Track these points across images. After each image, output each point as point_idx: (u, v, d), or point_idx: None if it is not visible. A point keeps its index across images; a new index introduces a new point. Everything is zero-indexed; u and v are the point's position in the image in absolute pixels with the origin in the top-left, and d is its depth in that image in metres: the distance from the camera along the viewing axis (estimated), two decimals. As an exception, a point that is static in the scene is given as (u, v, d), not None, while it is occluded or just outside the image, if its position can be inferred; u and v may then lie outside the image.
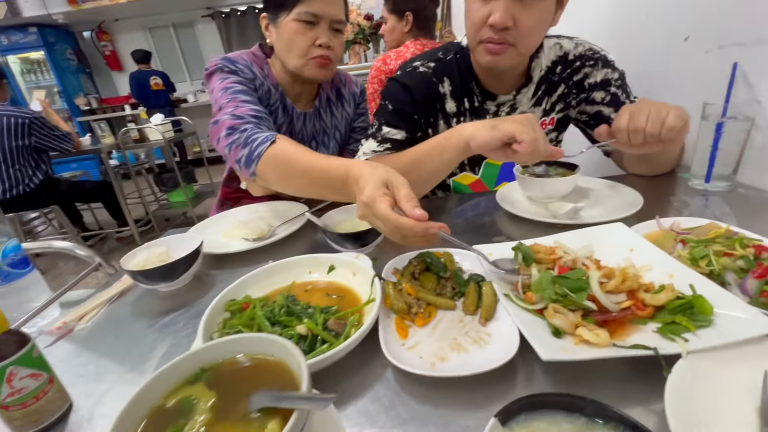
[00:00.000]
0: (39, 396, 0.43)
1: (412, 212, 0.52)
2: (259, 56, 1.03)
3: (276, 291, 0.64)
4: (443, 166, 0.79)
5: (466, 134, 0.72)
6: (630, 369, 0.44)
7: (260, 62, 1.02)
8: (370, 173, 0.58)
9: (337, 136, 1.17)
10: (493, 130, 0.68)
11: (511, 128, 0.66)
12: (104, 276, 0.90)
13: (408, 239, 0.54)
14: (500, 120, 0.70)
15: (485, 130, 0.69)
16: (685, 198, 0.84)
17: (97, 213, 3.68)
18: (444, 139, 0.77)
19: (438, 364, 0.46)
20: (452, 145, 0.75)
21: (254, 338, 0.39)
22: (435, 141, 0.79)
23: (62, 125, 2.81)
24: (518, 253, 0.59)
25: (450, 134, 0.76)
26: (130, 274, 0.68)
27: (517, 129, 0.66)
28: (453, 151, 0.75)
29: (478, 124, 0.72)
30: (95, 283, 1.00)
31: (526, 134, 0.65)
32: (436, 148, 0.78)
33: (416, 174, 0.80)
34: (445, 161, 0.78)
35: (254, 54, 1.03)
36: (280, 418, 0.32)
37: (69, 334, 0.63)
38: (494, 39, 0.80)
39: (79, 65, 5.91)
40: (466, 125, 0.74)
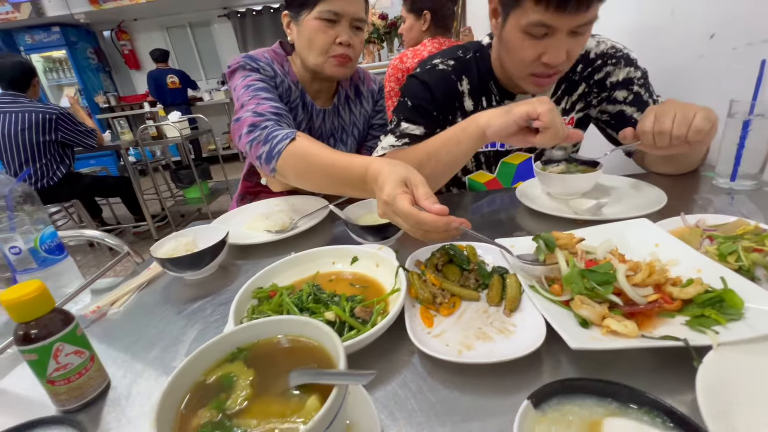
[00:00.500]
0: (82, 372, 0.45)
1: (432, 208, 0.53)
2: (279, 54, 1.05)
3: (301, 280, 0.65)
4: (460, 156, 0.80)
5: (482, 123, 0.73)
6: (657, 360, 0.44)
7: (281, 60, 1.04)
8: (389, 171, 0.59)
9: (355, 132, 1.18)
10: (508, 114, 0.69)
11: (524, 108, 0.67)
12: (132, 265, 0.93)
13: (429, 235, 0.54)
14: (513, 104, 0.71)
15: (500, 116, 0.70)
16: (709, 196, 0.83)
17: (115, 208, 3.77)
18: (460, 129, 0.78)
19: (464, 352, 0.47)
20: (468, 135, 0.76)
21: (289, 320, 0.40)
22: (451, 132, 0.80)
23: (88, 121, 2.88)
24: (539, 242, 0.58)
25: (466, 124, 0.77)
26: (159, 261, 0.70)
27: (531, 107, 0.67)
28: (470, 141, 0.76)
29: (492, 112, 0.73)
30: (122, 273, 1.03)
31: (541, 106, 0.66)
32: (452, 139, 0.79)
33: (433, 166, 0.81)
34: (462, 152, 0.79)
35: (275, 52, 1.05)
36: (319, 395, 0.33)
37: (102, 318, 0.66)
38: (547, 73, 0.80)
39: (99, 64, 6.05)
40: (481, 114, 0.75)
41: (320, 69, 0.98)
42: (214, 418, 0.32)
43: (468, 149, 0.78)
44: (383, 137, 0.99)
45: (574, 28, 0.75)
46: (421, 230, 0.54)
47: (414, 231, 0.55)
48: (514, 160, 1.06)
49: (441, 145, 0.81)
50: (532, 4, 0.73)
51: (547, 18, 0.73)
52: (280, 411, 0.32)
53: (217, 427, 0.31)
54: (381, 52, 3.98)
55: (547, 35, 0.76)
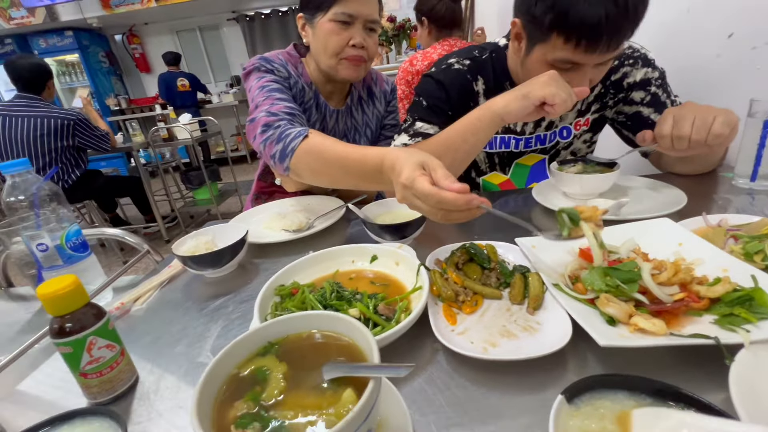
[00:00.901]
0: (113, 366, 0.46)
1: (452, 186, 0.51)
2: (293, 56, 1.06)
3: (321, 278, 0.65)
4: (478, 144, 0.81)
5: (499, 110, 0.74)
6: (684, 359, 0.44)
7: (294, 61, 1.05)
8: (406, 157, 0.59)
9: (368, 133, 1.19)
10: (525, 99, 0.71)
11: (541, 94, 0.70)
12: (148, 264, 0.94)
13: (451, 215, 0.52)
14: (527, 86, 0.72)
15: (517, 102, 0.72)
16: (729, 196, 0.83)
17: (126, 210, 3.81)
18: (476, 119, 0.78)
19: (490, 349, 0.47)
20: (485, 124, 0.77)
21: (320, 315, 0.41)
22: (466, 122, 0.80)
23: (101, 124, 2.92)
24: (562, 216, 0.57)
25: (481, 113, 0.78)
26: (181, 259, 0.71)
27: (548, 94, 0.69)
28: (487, 129, 0.78)
29: (507, 97, 0.74)
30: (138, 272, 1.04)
31: (558, 97, 0.69)
32: (469, 129, 0.80)
33: (452, 157, 0.82)
34: (480, 140, 0.80)
35: (289, 54, 1.06)
36: (353, 389, 0.33)
37: (126, 315, 0.67)
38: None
39: (111, 67, 6.15)
40: (495, 100, 0.76)
41: (334, 71, 0.99)
42: (251, 409, 0.33)
43: (485, 137, 0.79)
44: (396, 136, 0.99)
45: (599, 61, 0.75)
46: (442, 210, 0.52)
47: (435, 213, 0.53)
48: (527, 162, 1.06)
49: (457, 135, 0.82)
50: (561, 43, 0.73)
51: (575, 57, 0.74)
52: (315, 403, 0.33)
53: (255, 419, 0.32)
54: (389, 54, 4.00)
55: (572, 68, 0.77)
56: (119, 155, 5.23)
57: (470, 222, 0.87)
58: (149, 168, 4.44)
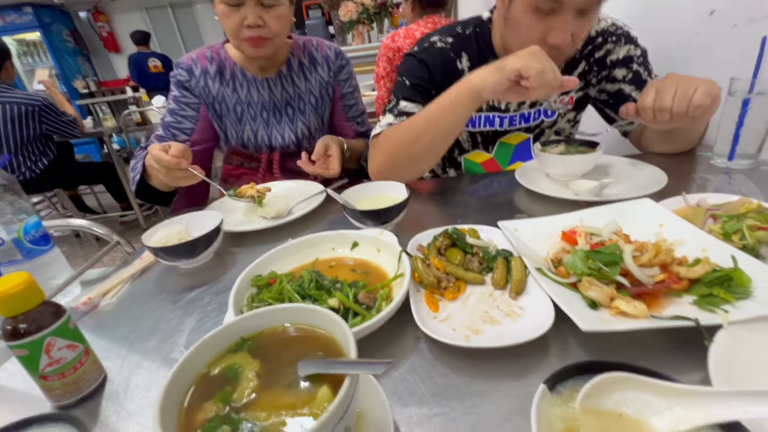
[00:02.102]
0: (76, 367, 0.44)
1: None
2: (215, 45, 1.09)
3: (300, 267, 0.63)
4: (458, 120, 0.80)
5: (476, 83, 0.73)
6: (665, 341, 0.44)
7: (215, 50, 1.08)
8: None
9: (312, 100, 1.15)
10: (500, 71, 0.70)
11: (516, 65, 0.68)
12: (121, 256, 0.90)
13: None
14: (504, 61, 0.70)
15: (492, 75, 0.71)
16: (707, 176, 0.83)
17: (100, 197, 3.67)
18: (455, 95, 0.78)
19: (472, 336, 0.46)
20: (464, 100, 0.76)
21: (295, 308, 0.39)
22: (445, 98, 0.79)
23: (68, 108, 2.75)
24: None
25: (458, 89, 0.77)
26: (152, 250, 0.68)
27: (522, 65, 0.67)
28: (466, 104, 0.77)
29: (484, 72, 0.73)
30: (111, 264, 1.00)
31: (532, 69, 0.67)
32: (448, 105, 0.79)
33: (432, 133, 0.81)
34: (460, 116, 0.79)
35: (211, 45, 1.09)
36: (329, 385, 0.32)
37: (94, 310, 0.63)
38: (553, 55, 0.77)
39: (77, 47, 5.81)
40: (473, 75, 0.75)
41: (242, 51, 1.00)
42: (220, 411, 0.31)
43: (465, 113, 0.78)
44: (381, 117, 0.97)
45: (583, 5, 0.72)
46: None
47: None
48: (512, 141, 1.04)
49: (438, 111, 0.81)
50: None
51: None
52: (289, 403, 0.31)
53: (225, 421, 0.30)
54: (371, 33, 3.89)
55: (554, 11, 0.74)
56: (91, 141, 4.99)
57: (453, 206, 0.86)
58: (123, 154, 4.26)
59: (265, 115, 1.12)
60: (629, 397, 0.31)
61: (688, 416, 0.29)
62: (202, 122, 1.11)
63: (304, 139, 1.17)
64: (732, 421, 0.27)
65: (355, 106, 1.23)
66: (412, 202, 0.84)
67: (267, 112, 1.12)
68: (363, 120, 1.27)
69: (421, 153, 0.85)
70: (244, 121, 1.11)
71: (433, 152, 0.85)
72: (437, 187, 0.97)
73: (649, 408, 0.30)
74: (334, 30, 4.23)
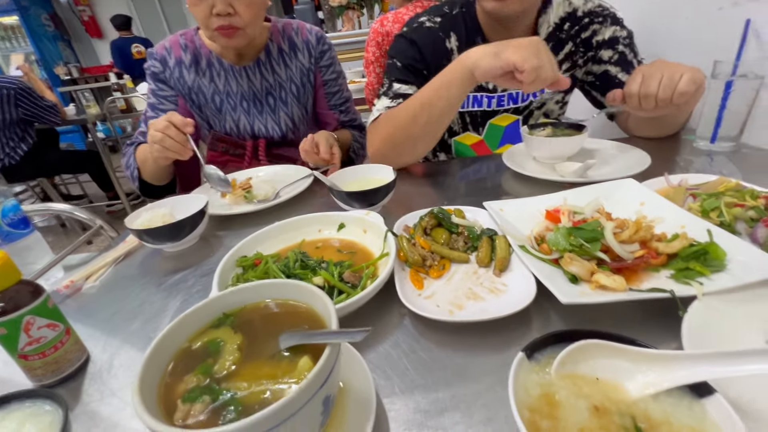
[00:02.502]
0: (57, 346, 0.43)
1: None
2: (188, 32, 1.05)
3: (286, 248, 0.63)
4: (453, 100, 0.79)
5: (470, 63, 0.72)
6: (643, 314, 0.45)
7: (189, 37, 1.03)
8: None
9: (294, 89, 1.11)
10: (496, 58, 0.68)
11: (513, 57, 0.66)
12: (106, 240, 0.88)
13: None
14: (505, 45, 0.69)
15: (488, 58, 0.70)
16: (690, 158, 0.85)
17: (87, 187, 3.60)
18: (449, 72, 0.77)
19: (456, 312, 0.46)
20: (458, 78, 0.75)
21: (277, 284, 0.39)
22: (440, 78, 0.79)
23: (48, 94, 2.67)
24: None
25: (454, 66, 0.76)
26: (135, 233, 0.67)
27: (519, 58, 0.66)
28: (459, 82, 0.76)
29: (480, 51, 0.72)
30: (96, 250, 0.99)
31: (528, 63, 0.65)
32: (443, 85, 0.78)
33: (428, 115, 0.80)
34: (454, 95, 0.78)
35: (185, 33, 1.05)
36: (310, 356, 0.32)
37: (77, 293, 0.63)
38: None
39: (57, 32, 5.61)
40: (469, 52, 0.73)
41: (214, 42, 0.96)
42: (201, 382, 0.31)
43: (459, 93, 0.77)
44: (377, 100, 0.96)
45: None
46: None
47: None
48: (501, 122, 1.04)
49: (432, 92, 0.80)
50: None
51: None
52: (270, 373, 0.31)
53: (206, 392, 0.30)
54: (361, 19, 3.82)
55: None
56: (74, 129, 4.86)
57: (440, 189, 0.86)
58: (108, 142, 4.17)
59: (245, 105, 1.07)
60: (604, 364, 0.32)
61: (659, 379, 0.30)
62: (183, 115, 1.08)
63: (288, 131, 1.13)
64: (699, 382, 0.28)
65: (338, 93, 1.17)
66: (400, 185, 0.84)
67: (247, 102, 1.07)
68: (347, 108, 1.21)
69: (418, 134, 0.85)
70: (224, 111, 1.07)
71: (430, 133, 0.85)
72: (425, 171, 0.97)
73: (623, 373, 0.31)
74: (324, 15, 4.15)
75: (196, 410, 0.29)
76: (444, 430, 0.35)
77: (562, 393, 0.30)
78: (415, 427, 0.35)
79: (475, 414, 0.36)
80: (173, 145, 0.82)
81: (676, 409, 0.28)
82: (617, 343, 0.31)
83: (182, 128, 0.82)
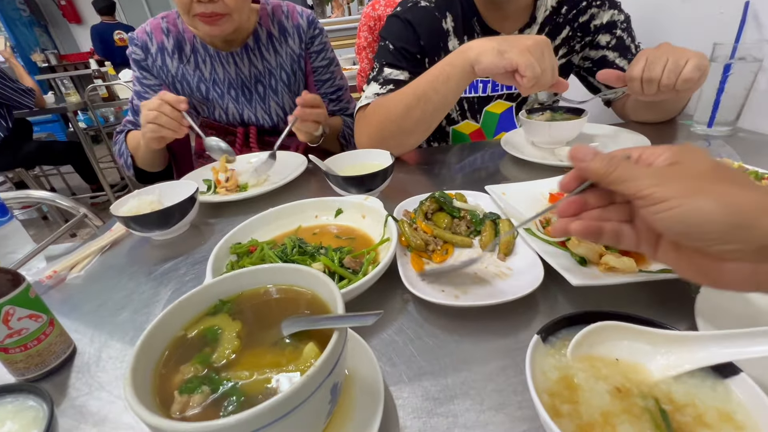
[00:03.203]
0: (40, 338, 0.41)
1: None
2: (170, 14, 0.99)
3: (282, 235, 0.61)
4: (450, 94, 0.75)
5: (472, 57, 0.69)
6: (653, 296, 0.44)
7: (171, 20, 0.98)
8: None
9: (284, 77, 1.05)
10: (500, 57, 0.65)
11: (517, 59, 0.63)
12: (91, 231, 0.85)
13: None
14: (509, 44, 0.65)
15: (491, 56, 0.66)
16: (687, 142, 0.84)
17: (69, 178, 3.49)
18: (448, 64, 0.73)
19: (461, 296, 0.45)
20: (458, 71, 0.71)
21: (277, 268, 0.36)
22: (438, 69, 0.75)
23: (26, 79, 2.56)
24: None
25: (454, 58, 0.72)
26: (122, 220, 0.64)
27: (523, 63, 0.63)
28: (458, 76, 0.72)
29: (483, 46, 0.68)
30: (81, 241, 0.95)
31: (530, 70, 0.63)
32: (440, 76, 0.74)
33: (422, 108, 0.77)
34: (452, 89, 0.74)
35: (167, 16, 0.98)
36: (315, 343, 0.30)
37: (61, 284, 0.59)
38: None
39: (32, 16, 5.37)
40: (472, 45, 0.70)
41: (195, 29, 0.90)
42: (199, 372, 0.29)
43: (458, 86, 0.73)
44: (366, 86, 0.92)
45: None
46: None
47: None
48: (496, 109, 1.03)
49: (428, 84, 0.76)
50: None
51: None
52: (274, 361, 0.30)
53: (204, 381, 0.28)
54: (351, 4, 3.74)
55: None
56: (54, 119, 4.69)
57: (439, 174, 0.84)
58: (91, 132, 4.03)
59: (233, 93, 1.02)
60: (621, 346, 0.31)
61: (680, 361, 0.29)
62: None
63: (279, 121, 1.08)
64: (724, 362, 0.27)
65: (330, 81, 1.12)
66: (397, 171, 0.81)
67: (235, 90, 1.02)
68: (340, 97, 1.15)
69: (411, 127, 0.81)
70: (212, 99, 1.02)
71: (424, 126, 0.81)
72: (423, 157, 0.95)
73: (643, 354, 0.30)
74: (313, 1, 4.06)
75: (195, 401, 0.27)
76: (455, 417, 0.34)
77: (580, 375, 0.29)
78: (425, 415, 0.34)
79: (485, 400, 0.35)
80: (168, 122, 0.78)
81: (700, 390, 0.27)
82: (636, 325, 0.30)
83: (176, 105, 0.78)
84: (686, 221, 0.27)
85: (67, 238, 2.69)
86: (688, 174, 0.29)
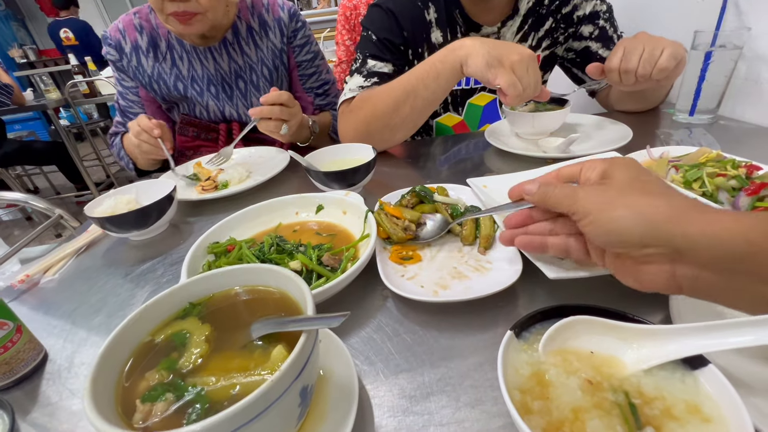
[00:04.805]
0: (7, 346, 0.39)
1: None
2: (142, 9, 0.95)
3: (261, 233, 0.60)
4: (439, 91, 0.75)
5: (461, 57, 0.69)
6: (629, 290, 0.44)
7: (144, 16, 0.95)
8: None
9: (266, 72, 1.03)
10: (485, 69, 0.66)
11: (499, 80, 0.65)
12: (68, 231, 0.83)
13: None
14: (497, 57, 0.65)
15: (479, 64, 0.66)
16: (669, 131, 0.85)
17: (53, 177, 3.41)
18: (439, 61, 0.72)
19: (440, 292, 0.45)
20: (448, 68, 0.71)
21: (246, 269, 0.36)
22: (428, 65, 0.74)
23: (3, 76, 2.49)
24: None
25: (445, 54, 0.72)
26: (97, 221, 0.62)
27: (506, 82, 0.64)
28: (448, 74, 0.72)
29: (474, 48, 0.68)
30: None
31: (513, 89, 0.64)
32: (430, 72, 0.73)
33: (411, 104, 0.76)
34: (441, 86, 0.74)
35: (138, 9, 0.95)
36: (285, 345, 0.29)
37: (34, 288, 0.58)
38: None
39: (8, 10, 5.21)
40: (464, 43, 0.69)
41: (168, 27, 0.88)
42: (164, 379, 0.28)
43: (447, 83, 0.73)
44: (349, 78, 0.91)
45: None
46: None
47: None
48: (480, 102, 1.02)
49: (418, 80, 0.75)
50: None
51: None
52: (242, 365, 0.29)
53: (169, 389, 0.27)
54: (337, -4, 3.68)
55: None
56: (35, 116, 4.57)
57: (422, 168, 0.84)
58: (74, 130, 3.93)
59: (213, 90, 0.99)
60: (594, 341, 0.31)
61: (651, 354, 0.29)
62: (149, 105, 1.01)
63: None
64: (694, 355, 0.27)
65: (315, 76, 1.09)
66: (381, 165, 0.81)
67: (215, 86, 0.99)
68: (327, 91, 1.12)
69: (399, 123, 0.80)
70: (191, 97, 0.99)
71: (411, 122, 0.80)
72: (406, 150, 0.94)
73: (617, 348, 0.30)
74: (298, -8, 3.98)
75: (158, 410, 0.26)
76: (430, 414, 0.33)
77: (552, 371, 0.29)
78: (400, 413, 0.34)
79: (461, 396, 0.34)
80: (150, 150, 0.83)
81: (669, 382, 0.27)
82: (607, 319, 0.30)
83: (150, 134, 0.81)
84: (605, 230, 0.32)
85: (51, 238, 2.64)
86: (611, 187, 0.33)
